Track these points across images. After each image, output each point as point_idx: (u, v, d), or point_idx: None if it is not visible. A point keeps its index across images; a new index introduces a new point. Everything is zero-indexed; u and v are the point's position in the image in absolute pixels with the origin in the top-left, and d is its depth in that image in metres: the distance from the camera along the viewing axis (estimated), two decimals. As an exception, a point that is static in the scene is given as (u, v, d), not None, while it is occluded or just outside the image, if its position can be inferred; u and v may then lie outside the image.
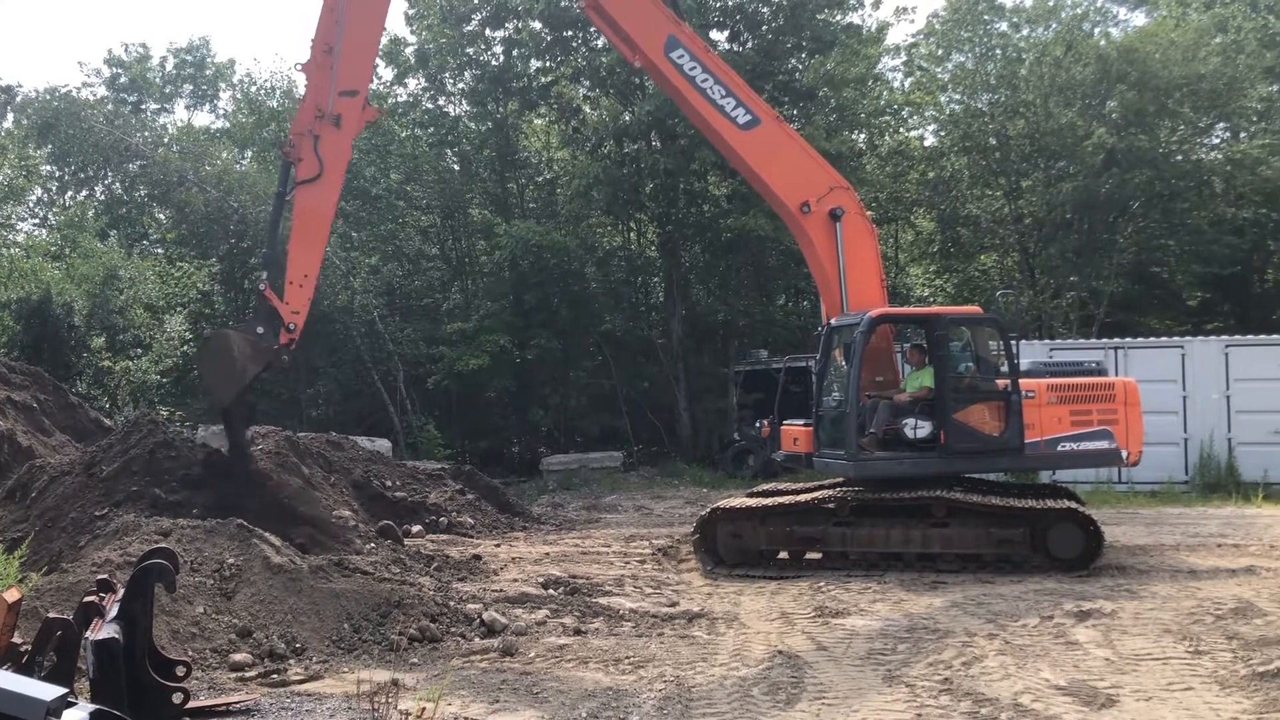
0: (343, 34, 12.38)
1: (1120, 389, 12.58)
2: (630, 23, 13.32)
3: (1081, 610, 9.23)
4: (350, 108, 12.40)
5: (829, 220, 13.15)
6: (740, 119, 13.19)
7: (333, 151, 12.45)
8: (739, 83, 13.42)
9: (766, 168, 13.39)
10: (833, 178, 13.52)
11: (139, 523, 10.14)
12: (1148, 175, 25.81)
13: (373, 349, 28.50)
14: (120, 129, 31.46)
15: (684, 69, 13.13)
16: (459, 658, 8.24)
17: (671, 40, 13.17)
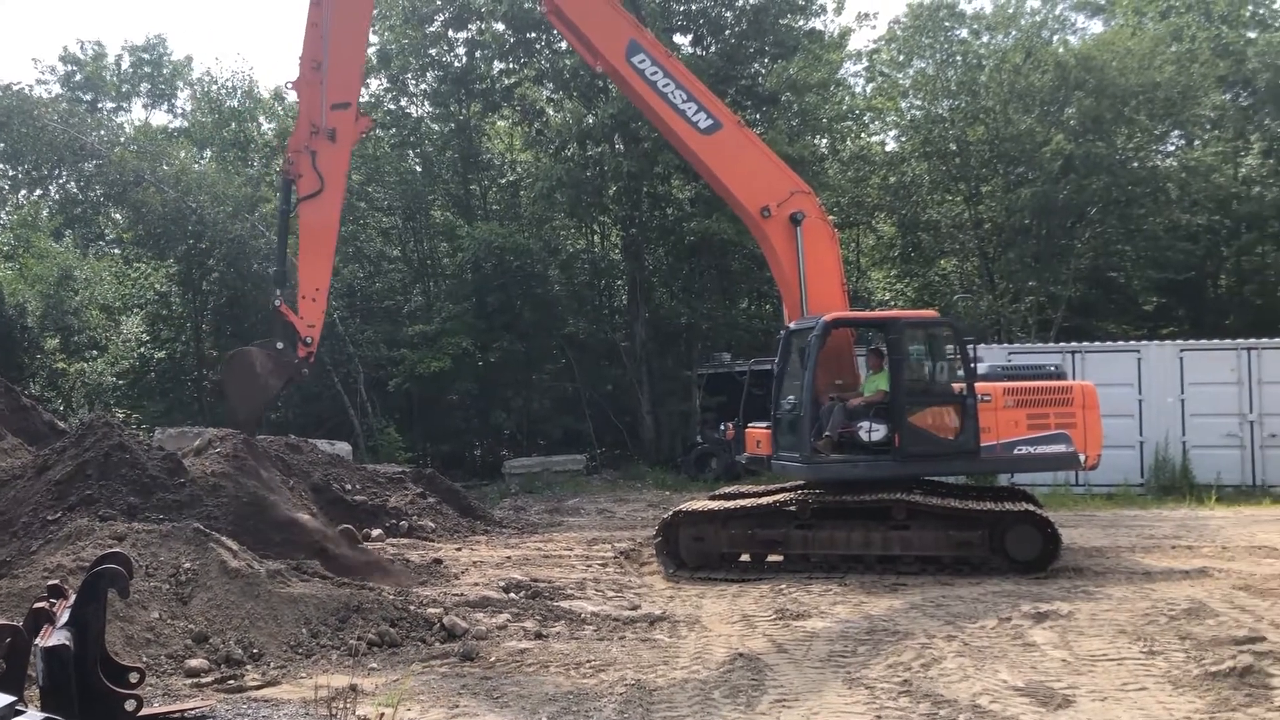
0: (329, 48, 12.60)
1: (1078, 393, 12.62)
2: (591, 28, 13.38)
3: (1039, 612, 9.32)
4: (344, 120, 12.68)
5: (789, 224, 13.26)
6: (701, 123, 13.25)
7: (331, 165, 12.71)
8: (700, 88, 13.48)
9: (727, 172, 13.47)
10: (794, 182, 13.61)
11: (92, 527, 9.98)
12: (1105, 181, 26.17)
13: (333, 351, 28.23)
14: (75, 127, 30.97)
15: (645, 74, 13.18)
16: (419, 662, 8.18)
17: (633, 45, 13.23)
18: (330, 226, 13.12)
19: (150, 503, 11.14)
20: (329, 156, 12.67)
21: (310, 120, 12.67)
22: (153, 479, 11.60)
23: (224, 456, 14.32)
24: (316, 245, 12.95)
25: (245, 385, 12.79)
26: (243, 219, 27.04)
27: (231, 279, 28.08)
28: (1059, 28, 32.34)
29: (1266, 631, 8.30)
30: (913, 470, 12.28)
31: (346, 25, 12.76)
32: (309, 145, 12.61)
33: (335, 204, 13.04)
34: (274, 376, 12.59)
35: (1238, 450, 19.69)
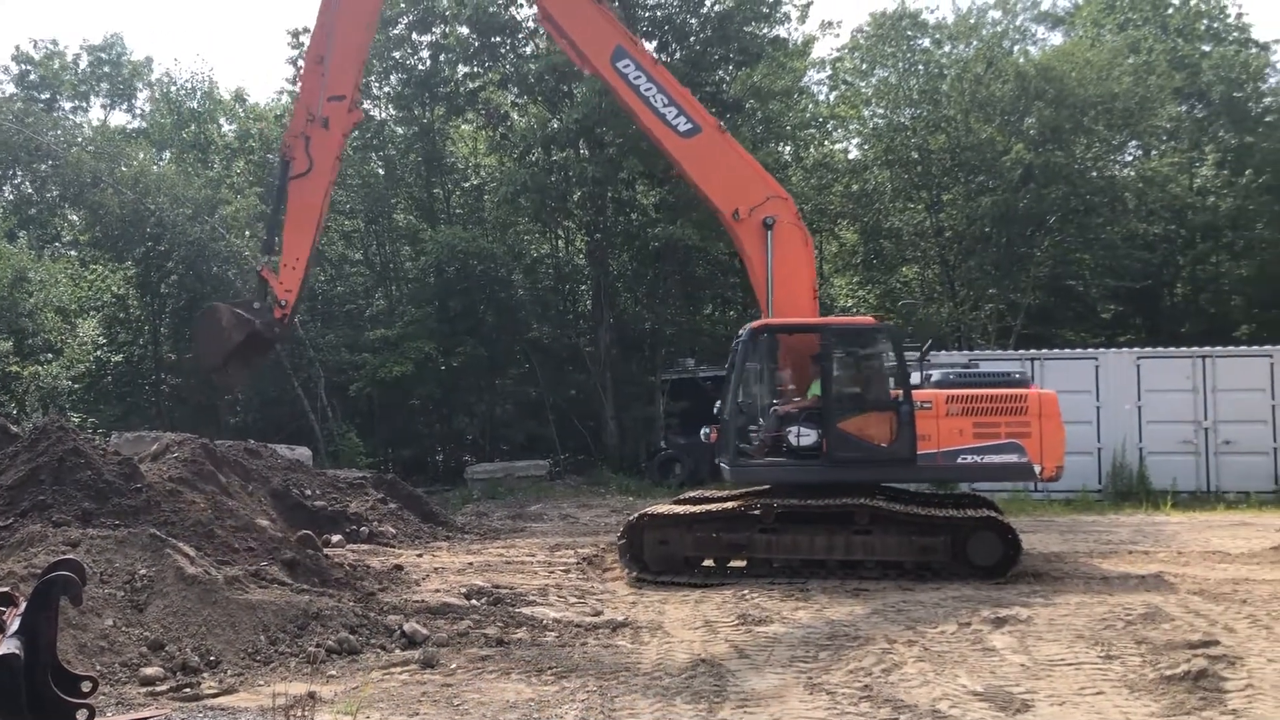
0: (333, 46, 13.83)
1: (1034, 401, 12.26)
2: (579, 33, 13.86)
3: (998, 617, 9.39)
4: (337, 111, 13.82)
5: (761, 228, 13.39)
6: (681, 127, 13.55)
7: (322, 150, 13.87)
8: (683, 93, 13.78)
9: (702, 175, 13.80)
10: (771, 188, 13.77)
11: (45, 533, 9.82)
12: (1064, 190, 26.49)
13: (293, 355, 27.99)
14: (31, 127, 30.52)
15: (629, 78, 13.55)
16: (378, 670, 8.11)
17: (619, 50, 13.61)
18: (315, 205, 14.04)
19: (106, 508, 10.97)
20: (320, 142, 13.79)
21: (308, 108, 13.87)
22: (108, 484, 11.42)
23: (182, 461, 14.18)
24: (300, 220, 13.98)
25: (210, 337, 13.73)
26: (202, 221, 26.77)
27: (190, 282, 27.77)
28: (1019, 38, 32.81)
29: (1220, 635, 8.42)
30: (841, 476, 12.21)
31: (350, 27, 13.89)
32: (305, 131, 13.77)
33: (321, 185, 14.05)
34: (237, 330, 13.44)
35: (1193, 457, 19.98)
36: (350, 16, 13.88)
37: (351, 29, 13.94)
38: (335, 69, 13.87)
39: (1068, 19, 36.34)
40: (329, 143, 13.93)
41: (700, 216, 25.66)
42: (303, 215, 14.06)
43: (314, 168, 13.83)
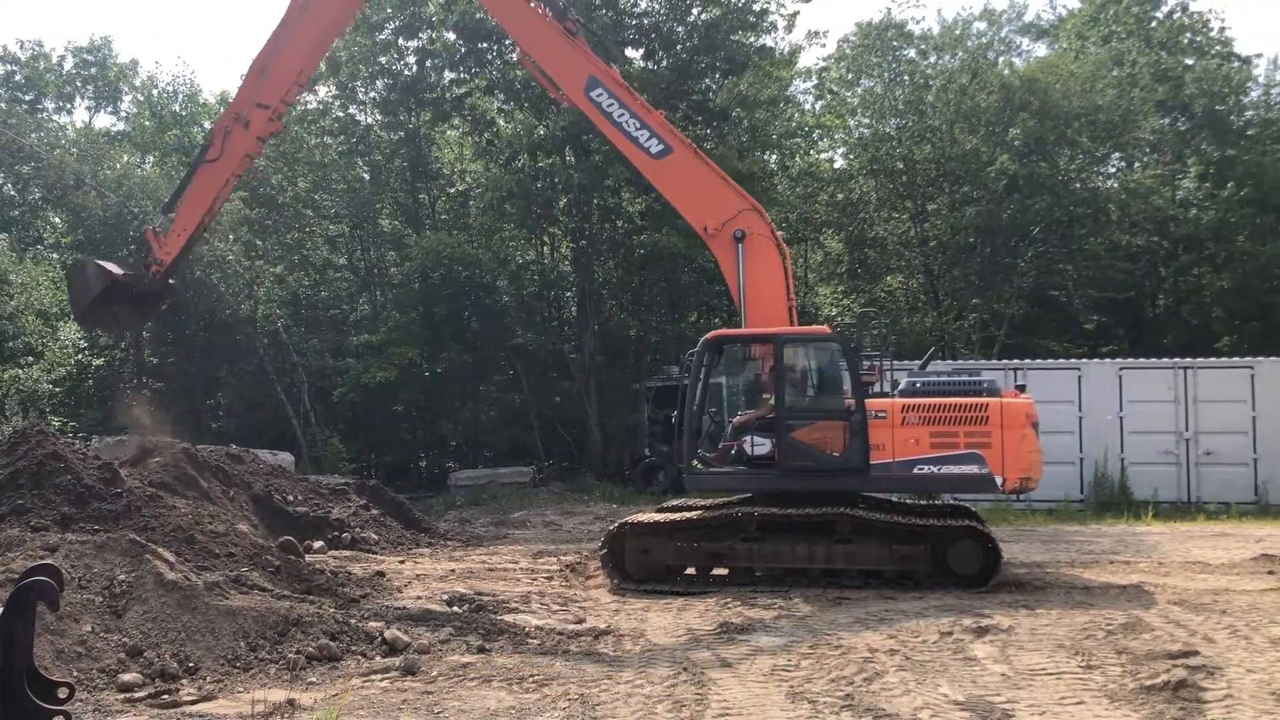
0: (275, 60, 14.90)
1: (995, 410, 11.88)
2: (553, 67, 14.46)
3: (980, 626, 9.41)
4: (259, 117, 14.98)
5: (733, 241, 13.49)
6: (653, 149, 13.85)
7: (235, 145, 15.12)
8: (655, 117, 14.07)
9: (675, 194, 14.24)
10: (743, 201, 13.83)
11: (24, 537, 9.77)
12: (1047, 201, 26.63)
13: (276, 360, 27.90)
14: (13, 128, 30.35)
15: (602, 106, 13.94)
16: (359, 677, 8.06)
17: (591, 80, 13.99)
18: (214, 188, 15.39)
19: (85, 513, 10.91)
20: (237, 139, 15.05)
21: (237, 110, 15.17)
22: (88, 489, 11.36)
23: (162, 466, 14.11)
24: (198, 199, 15.41)
25: (78, 288, 15.90)
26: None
27: (174, 286, 27.60)
28: (1004, 50, 32.99)
29: (1200, 645, 8.46)
30: (793, 485, 12.21)
31: (297, 51, 14.93)
32: (228, 126, 15.10)
33: (224, 174, 15.35)
34: (97, 280, 15.17)
35: (1174, 467, 20.10)
36: (300, 42, 14.86)
37: (298, 53, 15.00)
38: (271, 83, 14.94)
39: (1052, 31, 36.60)
40: (243, 141, 15.14)
41: (685, 224, 25.60)
42: (202, 194, 15.45)
43: (223, 158, 15.16)
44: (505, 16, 15.21)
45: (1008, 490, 12.15)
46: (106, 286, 15.23)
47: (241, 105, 15.28)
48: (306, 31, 15.01)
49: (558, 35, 14.17)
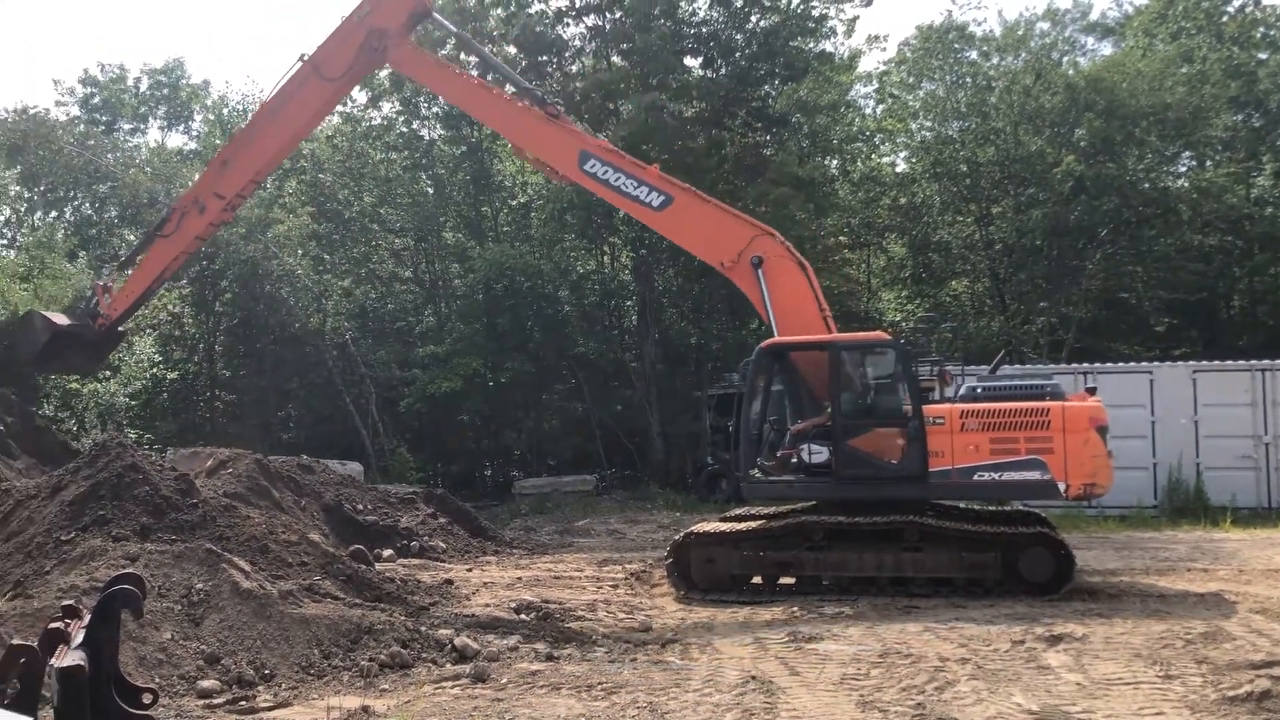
0: (237, 156, 16.36)
1: (1056, 415, 11.63)
2: (545, 152, 15.09)
3: (1053, 634, 9.26)
4: (215, 206, 16.37)
5: (752, 269, 13.59)
6: (654, 202, 14.19)
7: (189, 228, 16.54)
8: (649, 171, 14.46)
9: (684, 238, 14.70)
10: (752, 229, 13.98)
11: (105, 547, 10.01)
12: (1115, 202, 26.16)
13: (345, 372, 28.34)
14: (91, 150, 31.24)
15: (598, 175, 14.40)
16: (430, 684, 8.16)
17: (583, 155, 14.49)
18: (163, 263, 16.91)
19: (163, 523, 11.16)
20: (191, 221, 16.46)
21: (196, 193, 16.71)
22: (165, 499, 11.61)
23: (236, 477, 14.42)
24: (148, 270, 17.01)
25: (24, 338, 17.62)
26: (255, 240, 27.19)
27: (244, 300, 28.22)
28: (1069, 49, 32.44)
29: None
30: (850, 493, 12.13)
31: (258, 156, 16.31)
32: (186, 207, 16.52)
33: (174, 251, 16.77)
34: (43, 331, 16.83)
35: (1252, 472, 19.56)
36: (264, 146, 16.25)
37: (259, 155, 16.33)
38: (230, 176, 16.32)
39: (1118, 29, 35.93)
40: (196, 224, 16.50)
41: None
42: (152, 266, 16.94)
43: (176, 236, 16.53)
44: (495, 120, 15.96)
45: (1071, 497, 11.92)
46: (52, 336, 16.85)
47: (201, 191, 16.62)
48: (271, 137, 16.29)
49: (542, 122, 14.81)
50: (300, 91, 15.99)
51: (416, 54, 16.33)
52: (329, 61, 15.78)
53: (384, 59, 16.42)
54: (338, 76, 15.93)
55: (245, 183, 16.75)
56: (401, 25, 15.63)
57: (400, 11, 15.62)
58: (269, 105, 16.59)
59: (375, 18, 15.55)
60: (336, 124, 33.77)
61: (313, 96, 16.09)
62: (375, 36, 15.48)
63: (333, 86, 16.28)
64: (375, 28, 15.51)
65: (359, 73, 16.98)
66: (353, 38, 15.67)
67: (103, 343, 17.88)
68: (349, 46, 15.69)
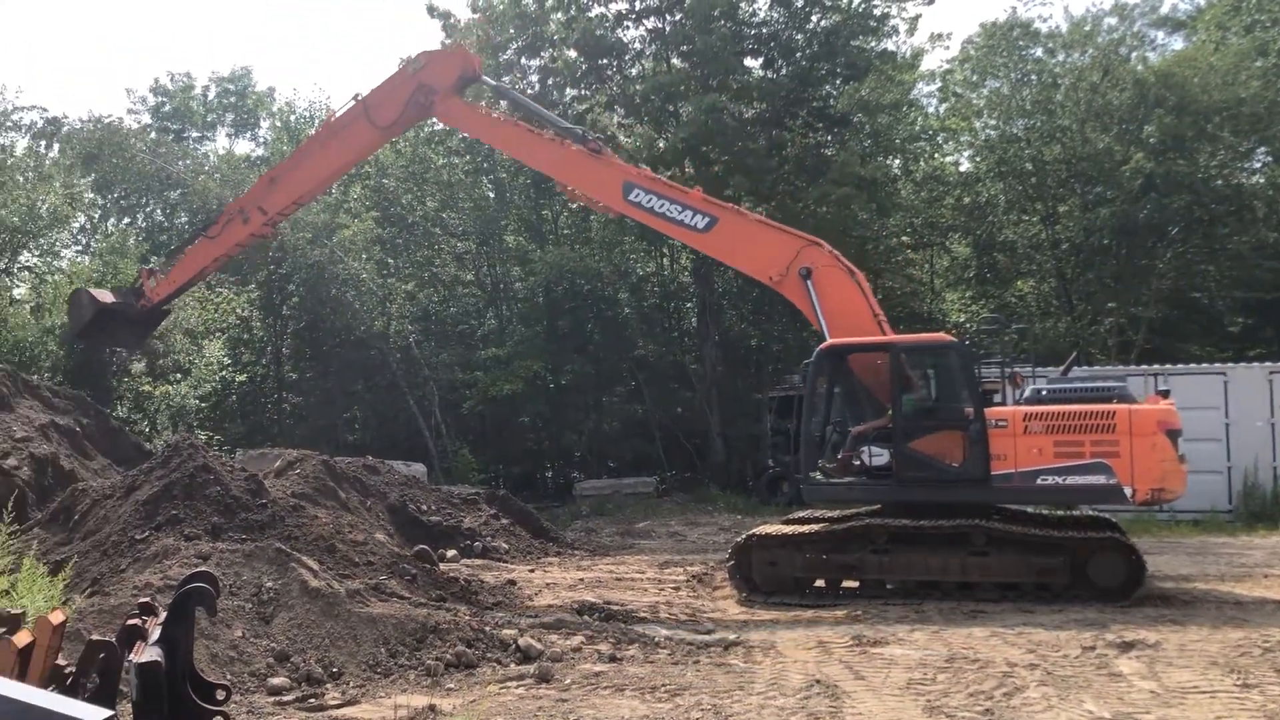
0: (285, 180, 17.41)
1: (1123, 417, 11.38)
2: (590, 186, 15.47)
3: (1124, 641, 9.08)
4: (257, 219, 17.54)
5: (800, 281, 13.61)
6: (700, 225, 14.37)
7: (231, 235, 17.84)
8: (691, 195, 14.69)
9: (733, 256, 14.87)
10: (798, 241, 14.04)
11: (178, 546, 10.24)
12: (1187, 200, 25.59)
13: (408, 374, 28.67)
14: (163, 157, 31.96)
15: (643, 205, 14.68)
16: (495, 683, 8.22)
17: (626, 185, 14.78)
18: (203, 261, 18.44)
19: (233, 523, 11.39)
20: (233, 229, 17.76)
21: (242, 203, 17.96)
22: (236, 499, 11.85)
23: (304, 478, 14.65)
24: (190, 264, 18.60)
25: (73, 314, 19.31)
26: (321, 245, 27.62)
27: (311, 304, 28.67)
28: (1137, 45, 31.76)
29: (1367, 665, 8.00)
30: (911, 496, 12.02)
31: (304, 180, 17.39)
32: (232, 215, 17.85)
33: (215, 253, 18.20)
34: (88, 308, 18.55)
35: (1332, 476, 19.01)
36: (311, 172, 17.36)
37: (306, 180, 17.40)
38: (276, 194, 17.39)
39: (1190, 23, 35.12)
40: (238, 232, 17.74)
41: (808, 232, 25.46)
42: (193, 263, 18.57)
43: (219, 240, 17.94)
44: (542, 162, 16.33)
45: (1139, 502, 11.69)
46: (98, 312, 18.46)
47: (247, 202, 17.82)
48: (317, 166, 17.33)
49: (586, 159, 15.15)
50: (349, 129, 16.99)
51: (462, 107, 16.91)
52: (380, 107, 16.64)
53: (431, 113, 17.26)
54: (386, 125, 16.88)
55: (288, 203, 17.85)
56: (450, 85, 16.38)
57: (451, 73, 16.38)
58: (320, 135, 17.90)
59: (426, 74, 16.35)
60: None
61: (359, 137, 17.06)
62: (423, 93, 16.30)
63: (380, 133, 17.28)
64: (425, 84, 16.31)
65: (406, 123, 17.92)
66: (404, 87, 16.51)
67: (145, 321, 19.57)
68: (399, 96, 16.52)
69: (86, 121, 34.52)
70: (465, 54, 17.37)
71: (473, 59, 17.11)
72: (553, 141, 15.61)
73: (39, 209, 27.27)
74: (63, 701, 2.97)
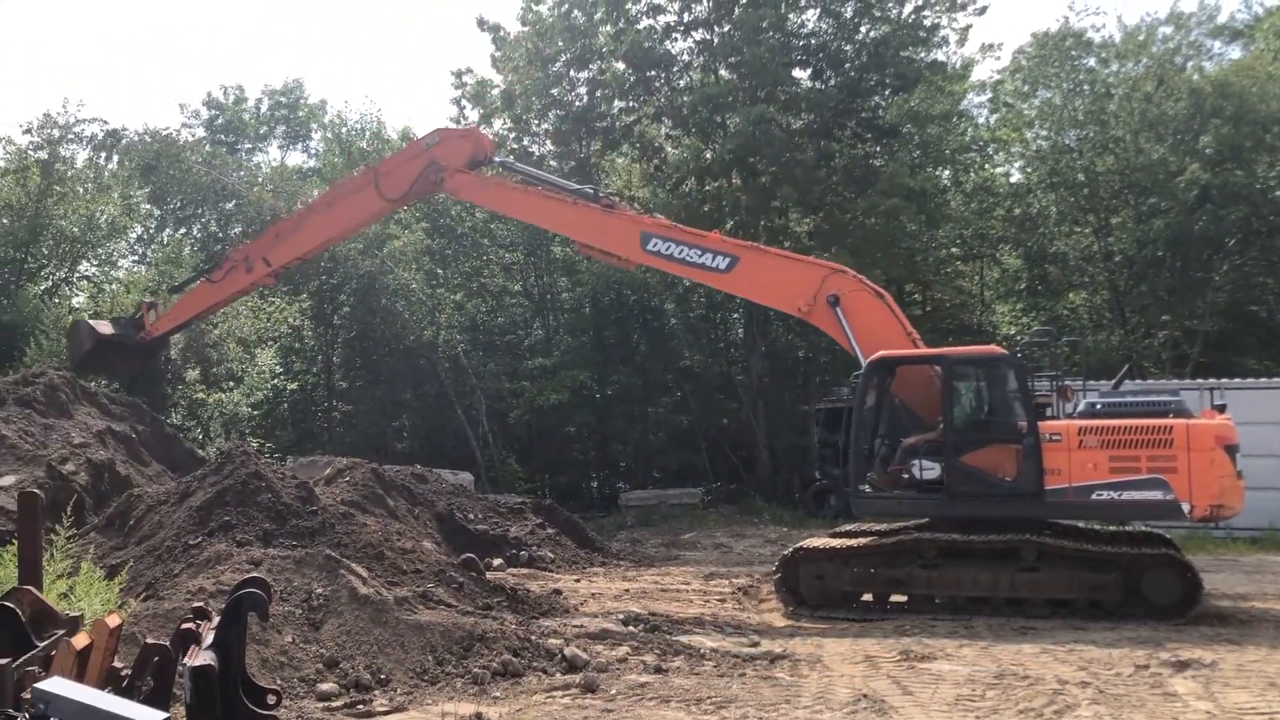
0: (291, 234, 18.10)
1: (1180, 432, 11.27)
2: (609, 242, 15.66)
3: (1179, 660, 8.92)
4: (260, 268, 18.23)
5: (829, 308, 13.66)
6: (721, 266, 14.56)
7: (233, 281, 18.54)
8: (709, 237, 14.95)
9: (759, 292, 15.08)
10: (822, 269, 14.23)
11: (230, 552, 10.38)
12: (1244, 211, 25.16)
13: (456, 384, 28.86)
14: (217, 169, 32.50)
15: (662, 253, 14.93)
16: (541, 693, 8.25)
17: (644, 236, 15.01)
18: (203, 305, 19.23)
19: (284, 529, 11.53)
20: (236, 276, 18.38)
21: (247, 251, 18.54)
22: (287, 506, 12.01)
23: (353, 485, 14.80)
24: (190, 305, 19.29)
25: (72, 343, 20.01)
26: (372, 255, 27.92)
27: (361, 313, 28.97)
28: (1193, 54, 31.26)
29: None
30: (962, 511, 11.90)
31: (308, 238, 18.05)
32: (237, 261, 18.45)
33: (216, 298, 18.97)
34: (87, 339, 19.31)
35: (1393, 494, 18.52)
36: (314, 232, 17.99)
37: (309, 238, 18.04)
38: (279, 249, 18.08)
39: (1247, 32, 34.53)
40: (240, 280, 18.47)
41: (855, 244, 25.38)
42: (194, 304, 19.22)
43: (220, 285, 18.60)
44: (557, 223, 16.89)
45: (1197, 518, 11.52)
46: (96, 343, 19.19)
47: (252, 252, 18.40)
48: (320, 228, 17.95)
49: (600, 215, 15.49)
50: (357, 196, 17.63)
51: (472, 181, 17.22)
52: (390, 178, 17.20)
53: (441, 189, 17.75)
54: (394, 198, 17.51)
55: (290, 259, 18.53)
56: (461, 164, 16.89)
57: (463, 153, 16.92)
58: (327, 197, 18.60)
59: (438, 151, 16.85)
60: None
61: (365, 205, 17.65)
62: (434, 170, 16.80)
63: (387, 205, 17.90)
64: (436, 161, 16.78)
65: (414, 197, 18.52)
66: (416, 161, 17.04)
67: (144, 352, 20.28)
68: (410, 171, 17.01)
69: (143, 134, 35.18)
70: (478, 135, 17.97)
71: (484, 140, 17.67)
72: (566, 203, 15.96)
73: (98, 219, 27.86)
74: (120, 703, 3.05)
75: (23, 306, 24.12)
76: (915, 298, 32.51)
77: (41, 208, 25.89)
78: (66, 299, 27.69)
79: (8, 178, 26.77)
